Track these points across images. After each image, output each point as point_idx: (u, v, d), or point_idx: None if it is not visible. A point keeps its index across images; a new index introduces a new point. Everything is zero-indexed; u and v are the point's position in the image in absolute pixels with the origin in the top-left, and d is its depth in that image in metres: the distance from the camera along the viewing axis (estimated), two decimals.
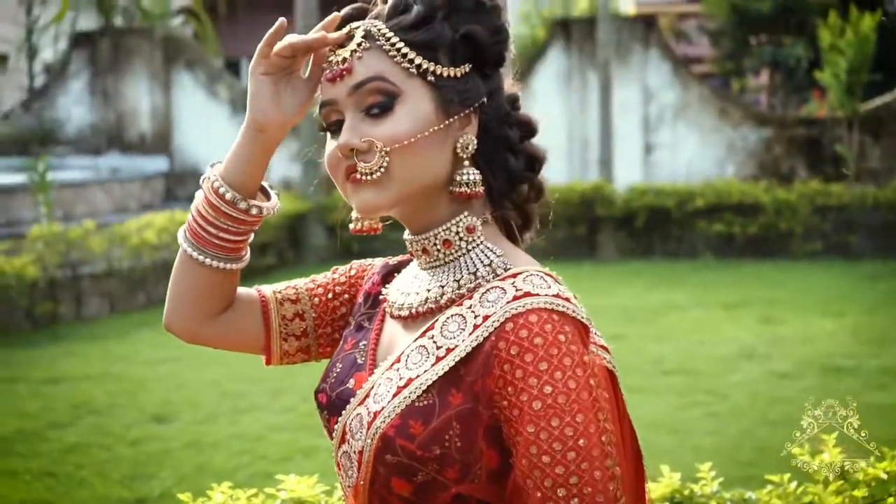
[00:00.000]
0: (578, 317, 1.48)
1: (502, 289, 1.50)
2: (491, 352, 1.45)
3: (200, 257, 1.67)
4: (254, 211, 1.64)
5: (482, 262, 1.57)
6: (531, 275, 1.51)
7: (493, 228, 1.62)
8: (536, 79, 15.01)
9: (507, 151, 1.62)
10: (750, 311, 9.83)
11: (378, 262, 1.81)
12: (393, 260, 1.79)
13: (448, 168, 1.57)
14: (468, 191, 1.56)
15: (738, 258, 13.03)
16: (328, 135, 1.59)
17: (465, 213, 1.58)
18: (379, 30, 1.55)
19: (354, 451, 1.54)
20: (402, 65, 1.54)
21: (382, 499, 1.50)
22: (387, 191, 1.54)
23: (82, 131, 15.36)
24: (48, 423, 6.62)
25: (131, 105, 15.01)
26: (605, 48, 14.24)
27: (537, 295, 1.47)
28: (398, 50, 1.54)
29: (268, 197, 1.70)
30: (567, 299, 1.48)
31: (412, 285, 1.64)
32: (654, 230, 13.47)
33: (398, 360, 1.55)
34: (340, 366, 1.67)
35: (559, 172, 14.74)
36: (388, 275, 1.76)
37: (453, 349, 1.49)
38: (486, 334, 1.47)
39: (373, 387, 1.56)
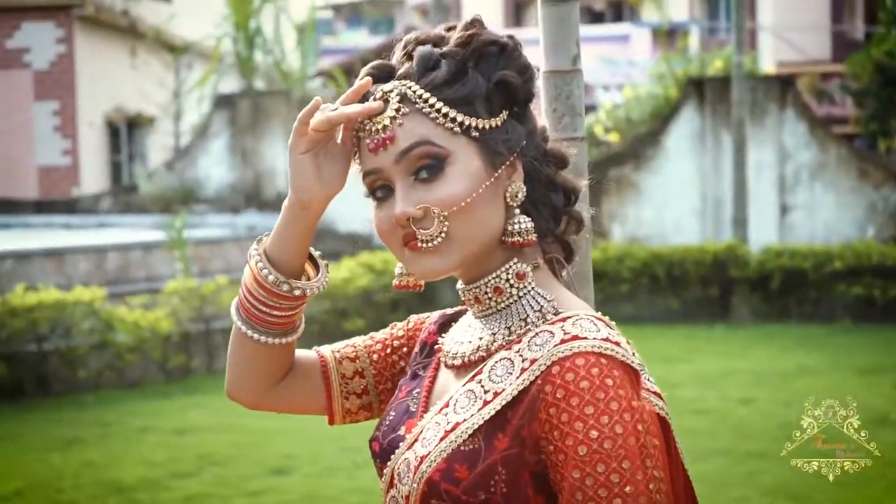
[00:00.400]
0: (628, 361, 1.45)
1: (551, 332, 1.48)
2: (537, 395, 1.43)
3: (254, 335, 1.65)
4: (297, 293, 1.61)
5: (532, 307, 1.55)
6: (581, 318, 1.48)
7: (544, 273, 1.61)
8: (670, 138, 14.90)
9: (548, 189, 1.61)
10: (885, 377, 9.48)
11: (436, 314, 1.80)
12: (451, 310, 1.77)
13: (502, 219, 1.55)
14: (521, 240, 1.55)
15: (877, 322, 12.59)
16: (374, 202, 1.56)
17: (515, 260, 1.57)
18: (414, 91, 1.52)
19: (402, 496, 1.53)
20: (445, 125, 1.51)
21: None
22: (448, 255, 1.52)
23: (222, 190, 15.81)
24: (172, 472, 6.76)
25: (269, 164, 15.41)
26: (740, 107, 14.05)
27: (585, 338, 1.44)
28: (438, 111, 1.51)
29: (316, 267, 1.67)
30: (617, 343, 1.45)
31: (465, 334, 1.63)
32: (789, 292, 13.13)
33: (447, 405, 1.54)
34: (393, 413, 1.67)
35: (692, 233, 14.56)
36: (444, 324, 1.75)
37: (500, 393, 1.48)
38: (532, 378, 1.45)
39: (421, 431, 1.55)
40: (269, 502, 6.18)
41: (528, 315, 1.55)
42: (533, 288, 1.57)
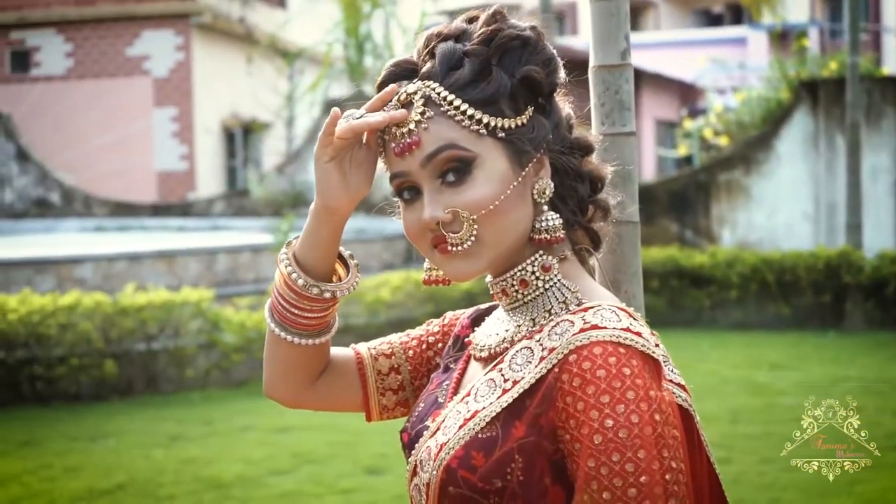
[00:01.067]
0: (648, 351, 1.43)
1: (571, 321, 1.47)
2: (555, 384, 1.42)
3: (287, 336, 1.67)
4: (327, 295, 1.62)
5: (557, 299, 1.55)
6: (602, 308, 1.47)
7: (572, 265, 1.60)
8: (781, 142, 14.62)
9: (575, 180, 1.60)
10: None
11: (471, 309, 1.80)
12: (485, 305, 1.78)
13: (530, 217, 1.55)
14: (548, 237, 1.55)
15: None
16: (402, 203, 1.57)
17: (541, 253, 1.56)
18: (439, 94, 1.51)
19: (423, 484, 1.53)
20: (471, 127, 1.50)
21: None
22: (478, 258, 1.52)
23: None
24: (269, 470, 6.86)
25: (378, 169, 15.52)
26: (855, 110, 13.71)
27: (605, 328, 1.43)
28: (464, 113, 1.50)
29: (347, 268, 1.68)
30: (637, 333, 1.44)
31: (494, 327, 1.64)
32: None
33: (468, 394, 1.55)
34: (423, 405, 1.68)
35: (804, 238, 14.26)
36: (478, 318, 1.75)
37: (518, 381, 1.48)
38: (549, 366, 1.44)
39: (443, 420, 1.56)
40: (360, 501, 6.23)
41: (552, 306, 1.55)
42: (559, 280, 1.56)
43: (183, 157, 22.00)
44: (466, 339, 1.70)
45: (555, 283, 1.56)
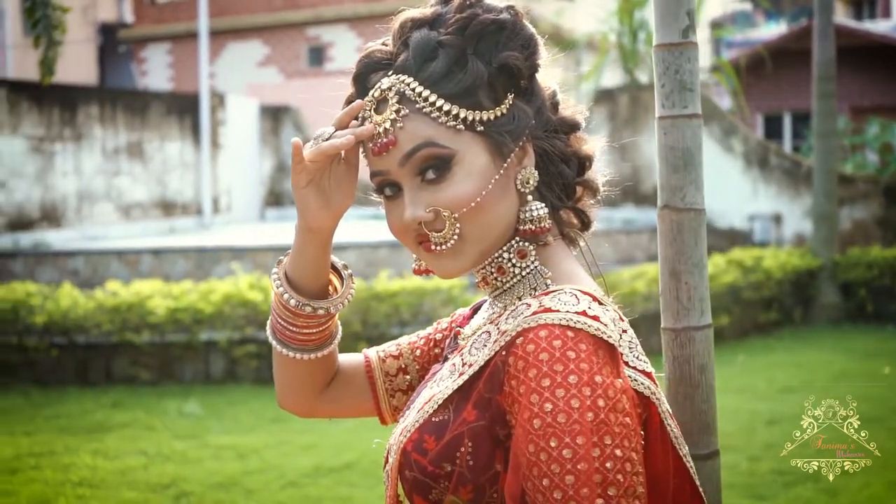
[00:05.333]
0: (601, 335, 1.36)
1: (528, 304, 1.42)
2: (501, 367, 1.38)
3: (290, 353, 1.67)
4: (320, 312, 1.61)
5: (530, 285, 1.50)
6: (562, 292, 1.42)
7: (556, 249, 1.54)
8: None
9: (560, 163, 1.53)
10: None
11: (478, 302, 1.76)
12: (488, 297, 1.74)
13: (515, 208, 1.50)
14: (533, 227, 1.50)
15: None
16: (384, 199, 1.54)
17: (517, 239, 1.51)
18: (413, 89, 1.46)
19: (389, 469, 1.53)
20: (448, 123, 1.45)
21: None
22: (463, 255, 1.49)
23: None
24: None
25: (647, 159, 15.33)
26: None
27: (556, 311, 1.37)
28: (440, 109, 1.45)
29: (340, 278, 1.66)
30: (595, 317, 1.37)
31: (479, 317, 1.61)
32: None
33: (433, 380, 1.53)
34: (415, 395, 1.66)
35: None
36: (477, 310, 1.72)
37: (472, 364, 1.44)
38: (497, 348, 1.41)
39: (411, 405, 1.55)
40: None
41: (522, 293, 1.50)
42: (535, 266, 1.51)
43: None
44: (456, 330, 1.67)
45: (531, 270, 1.51)
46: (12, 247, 12.71)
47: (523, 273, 1.51)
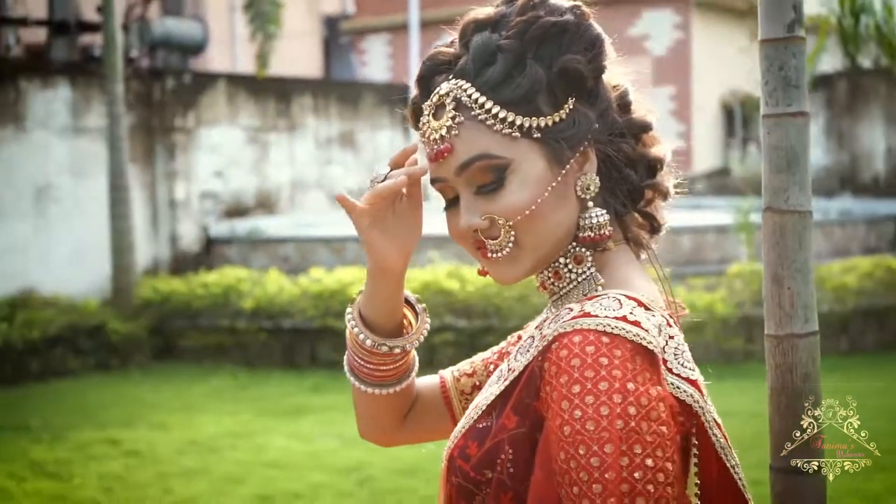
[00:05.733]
0: (641, 341, 1.32)
1: (570, 309, 1.39)
2: (538, 372, 1.36)
3: (368, 389, 1.66)
4: (396, 351, 1.61)
5: (583, 291, 1.47)
6: (607, 297, 1.39)
7: (618, 254, 1.51)
8: None
9: (625, 167, 1.49)
10: None
11: None
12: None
13: (574, 214, 1.47)
14: (593, 235, 1.46)
15: None
16: (446, 203, 1.53)
17: (574, 244, 1.48)
18: (470, 96, 1.43)
19: (441, 475, 1.52)
20: (503, 131, 1.42)
21: None
22: (520, 262, 1.47)
23: (816, 172, 15.35)
24: None
25: (867, 147, 14.70)
26: None
27: (595, 316, 1.34)
28: (495, 116, 1.42)
29: (415, 312, 1.65)
30: (635, 323, 1.34)
31: (535, 322, 1.59)
32: None
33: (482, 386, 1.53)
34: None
35: None
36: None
37: (515, 370, 1.44)
38: (536, 353, 1.39)
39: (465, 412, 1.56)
40: None
41: (574, 299, 1.47)
42: (592, 272, 1.48)
43: (680, 136, 22.07)
44: (519, 335, 1.66)
45: (587, 276, 1.48)
46: (229, 233, 13.25)
47: (579, 279, 1.48)
